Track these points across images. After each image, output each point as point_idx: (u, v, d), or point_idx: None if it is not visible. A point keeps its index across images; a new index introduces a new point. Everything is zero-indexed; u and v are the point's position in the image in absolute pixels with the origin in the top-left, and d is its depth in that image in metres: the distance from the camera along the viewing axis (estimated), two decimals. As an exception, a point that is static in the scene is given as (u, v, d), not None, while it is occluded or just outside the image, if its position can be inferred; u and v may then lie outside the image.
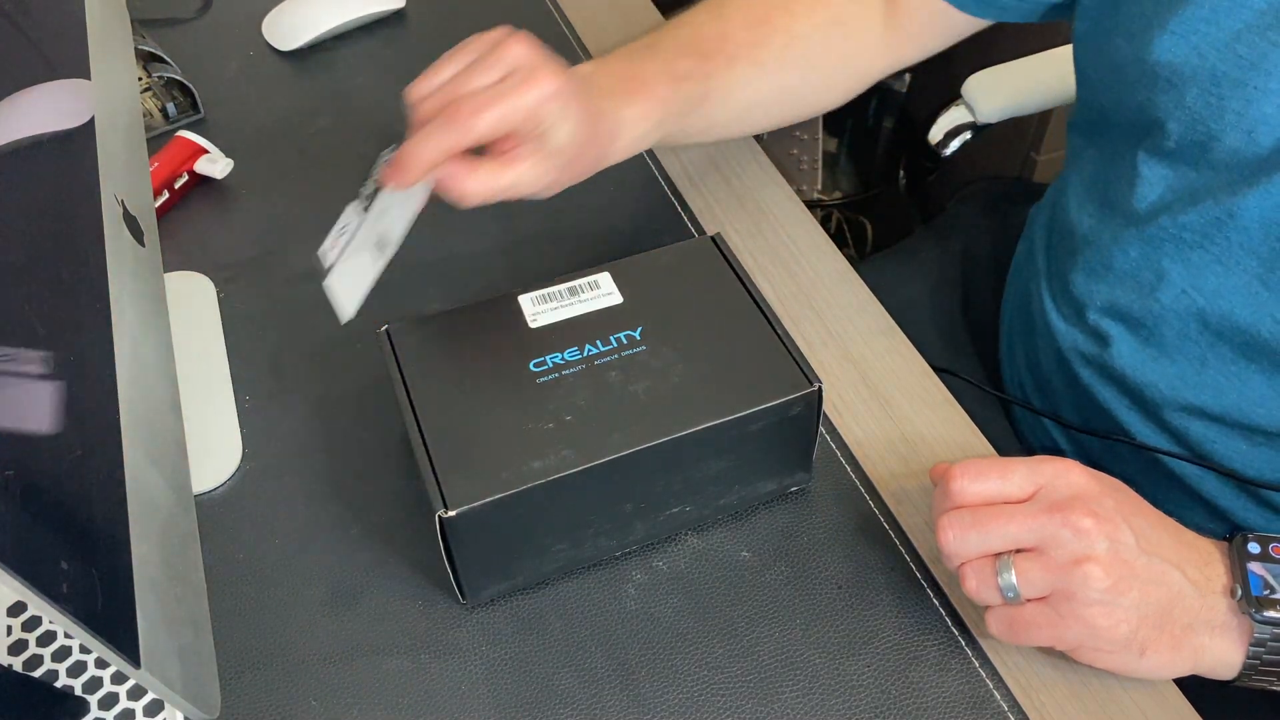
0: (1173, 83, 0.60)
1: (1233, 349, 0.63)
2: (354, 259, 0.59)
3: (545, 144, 0.59)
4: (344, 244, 0.60)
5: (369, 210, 0.61)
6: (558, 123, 0.59)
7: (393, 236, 0.60)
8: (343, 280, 0.59)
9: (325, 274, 0.59)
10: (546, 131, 0.58)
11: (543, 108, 0.57)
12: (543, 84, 0.57)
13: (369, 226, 0.60)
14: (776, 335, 0.61)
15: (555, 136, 0.59)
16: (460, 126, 0.56)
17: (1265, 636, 0.51)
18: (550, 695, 0.57)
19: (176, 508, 0.54)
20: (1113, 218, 0.68)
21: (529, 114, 0.57)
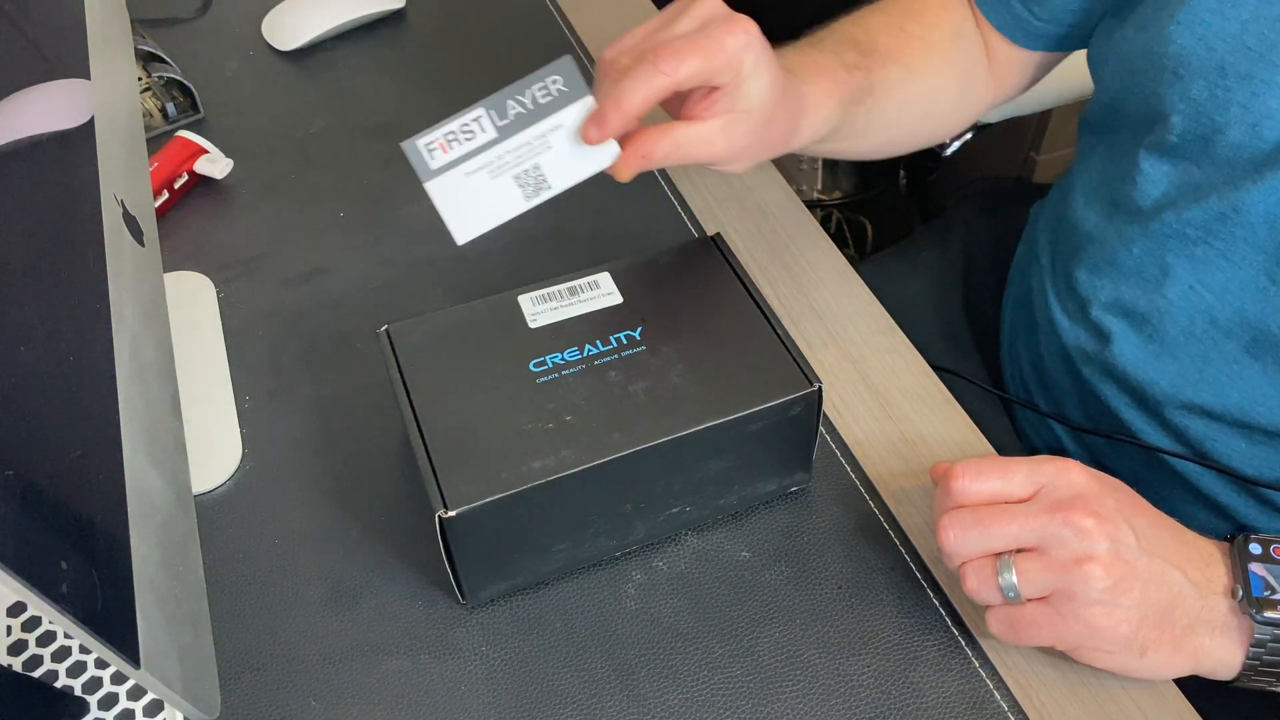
0: (1179, 74, 0.60)
1: (1238, 346, 0.63)
2: (488, 181, 0.54)
3: (739, 101, 0.57)
4: (469, 153, 0.54)
5: (518, 133, 0.54)
6: (753, 74, 0.56)
7: (555, 184, 0.55)
8: (463, 196, 0.54)
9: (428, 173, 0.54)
10: (742, 85, 0.56)
11: (742, 54, 0.55)
12: (744, 27, 0.56)
13: (520, 153, 0.55)
14: (776, 335, 0.61)
15: (749, 92, 0.56)
16: (663, 68, 0.54)
17: (1265, 637, 0.51)
18: (550, 695, 0.57)
19: (176, 508, 0.54)
20: (1117, 215, 0.68)
21: (730, 59, 0.55)
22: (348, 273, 0.77)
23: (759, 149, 0.60)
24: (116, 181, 0.60)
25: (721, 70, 0.55)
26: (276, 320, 0.74)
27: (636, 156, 0.56)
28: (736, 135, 0.57)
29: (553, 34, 0.95)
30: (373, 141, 0.87)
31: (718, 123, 0.57)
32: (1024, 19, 0.72)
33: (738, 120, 0.57)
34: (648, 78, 0.54)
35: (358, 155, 0.86)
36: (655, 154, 0.56)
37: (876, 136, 0.73)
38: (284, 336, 0.73)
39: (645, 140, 0.56)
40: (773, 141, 0.61)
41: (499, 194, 0.54)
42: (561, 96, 0.55)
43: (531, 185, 0.55)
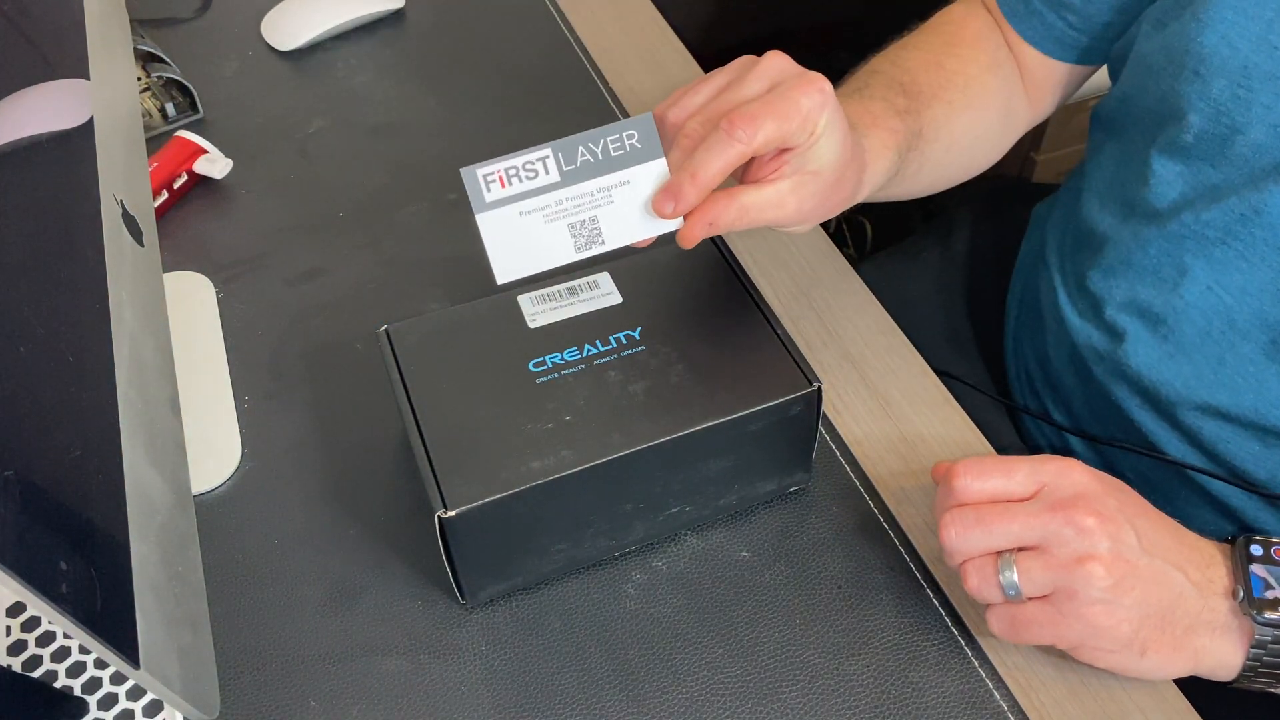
0: (1199, 73, 0.59)
1: (1255, 347, 0.63)
2: (542, 225, 0.53)
3: (809, 162, 0.55)
4: (527, 192, 0.52)
5: (581, 182, 0.53)
6: (827, 134, 0.54)
7: (610, 241, 0.54)
8: (512, 235, 0.53)
9: (482, 205, 0.52)
10: (814, 146, 0.55)
11: (817, 114, 0.54)
12: (819, 86, 0.54)
13: (580, 203, 0.53)
14: (776, 335, 0.61)
15: (820, 152, 0.55)
16: (738, 135, 0.52)
17: (1266, 638, 0.51)
18: (550, 695, 0.57)
19: (176, 508, 0.54)
20: (1132, 216, 0.68)
21: (805, 120, 0.53)
22: (347, 273, 0.77)
23: (825, 209, 0.58)
24: (116, 182, 0.60)
25: (796, 132, 0.53)
26: (276, 320, 0.74)
27: (702, 224, 0.53)
28: (805, 197, 0.55)
29: (553, 34, 0.95)
30: (372, 141, 0.87)
31: (786, 185, 0.55)
32: (1056, 28, 0.72)
33: (807, 181, 0.55)
34: (723, 148, 0.52)
35: (358, 155, 0.86)
36: (721, 221, 0.54)
37: (927, 177, 0.72)
38: (283, 336, 0.73)
39: (711, 208, 0.54)
40: (839, 199, 0.59)
41: (550, 240, 0.53)
42: (634, 153, 0.53)
43: (585, 237, 0.53)
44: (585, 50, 0.94)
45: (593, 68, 0.92)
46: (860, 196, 0.63)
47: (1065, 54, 0.73)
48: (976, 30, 0.75)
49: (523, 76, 0.92)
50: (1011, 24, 0.74)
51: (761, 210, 0.55)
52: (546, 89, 0.91)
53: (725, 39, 1.27)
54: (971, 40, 0.74)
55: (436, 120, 0.88)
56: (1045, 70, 0.75)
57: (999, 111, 0.74)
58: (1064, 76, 0.75)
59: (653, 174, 0.54)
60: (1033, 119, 0.78)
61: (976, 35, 0.74)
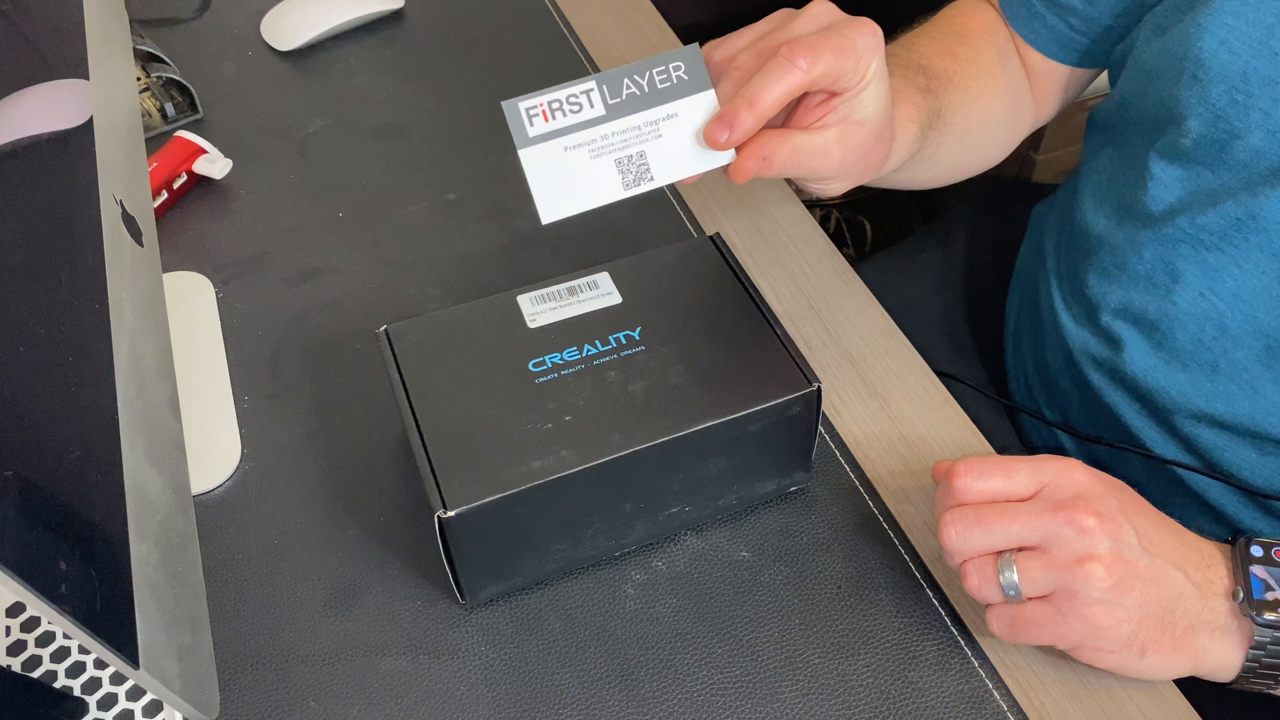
0: (1198, 78, 0.59)
1: (1249, 354, 0.62)
2: (588, 160, 0.51)
3: (855, 110, 0.54)
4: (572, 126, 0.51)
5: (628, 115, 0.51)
6: (875, 81, 0.54)
7: (659, 176, 0.51)
8: (557, 171, 0.51)
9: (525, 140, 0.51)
10: (862, 92, 0.54)
11: (871, 55, 0.53)
12: (872, 29, 0.53)
13: (627, 137, 0.51)
14: (775, 335, 0.61)
15: (867, 100, 0.54)
16: (799, 63, 0.51)
17: (1265, 639, 0.51)
18: (550, 696, 0.57)
19: (175, 508, 0.54)
20: (1128, 219, 0.67)
21: (860, 59, 0.52)
22: (347, 273, 0.77)
23: (862, 167, 0.58)
24: (115, 182, 0.60)
25: (850, 72, 0.53)
26: (276, 320, 0.74)
27: (756, 158, 0.53)
28: (851, 148, 0.55)
29: (552, 34, 0.95)
30: (372, 141, 0.87)
31: (834, 133, 0.55)
32: (1058, 30, 0.72)
33: (852, 132, 0.55)
34: (782, 73, 0.51)
35: (357, 155, 0.86)
36: (775, 158, 0.53)
37: (942, 163, 0.72)
38: (283, 336, 0.73)
39: (766, 142, 0.53)
40: (874, 162, 0.59)
41: (597, 176, 0.51)
42: (681, 85, 0.51)
43: (633, 173, 0.51)
44: (585, 50, 0.94)
45: (592, 68, 0.92)
46: (889, 166, 0.63)
47: (1067, 56, 0.73)
48: (985, 23, 0.75)
49: (523, 76, 0.92)
50: (1014, 26, 0.74)
51: (811, 155, 0.54)
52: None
53: (725, 39, 1.26)
54: (981, 31, 0.74)
55: (436, 120, 0.88)
56: (1047, 72, 0.75)
57: (1008, 104, 0.74)
58: (1066, 79, 0.75)
59: (702, 106, 0.52)
60: (1038, 119, 0.78)
61: (985, 28, 0.74)
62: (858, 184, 0.60)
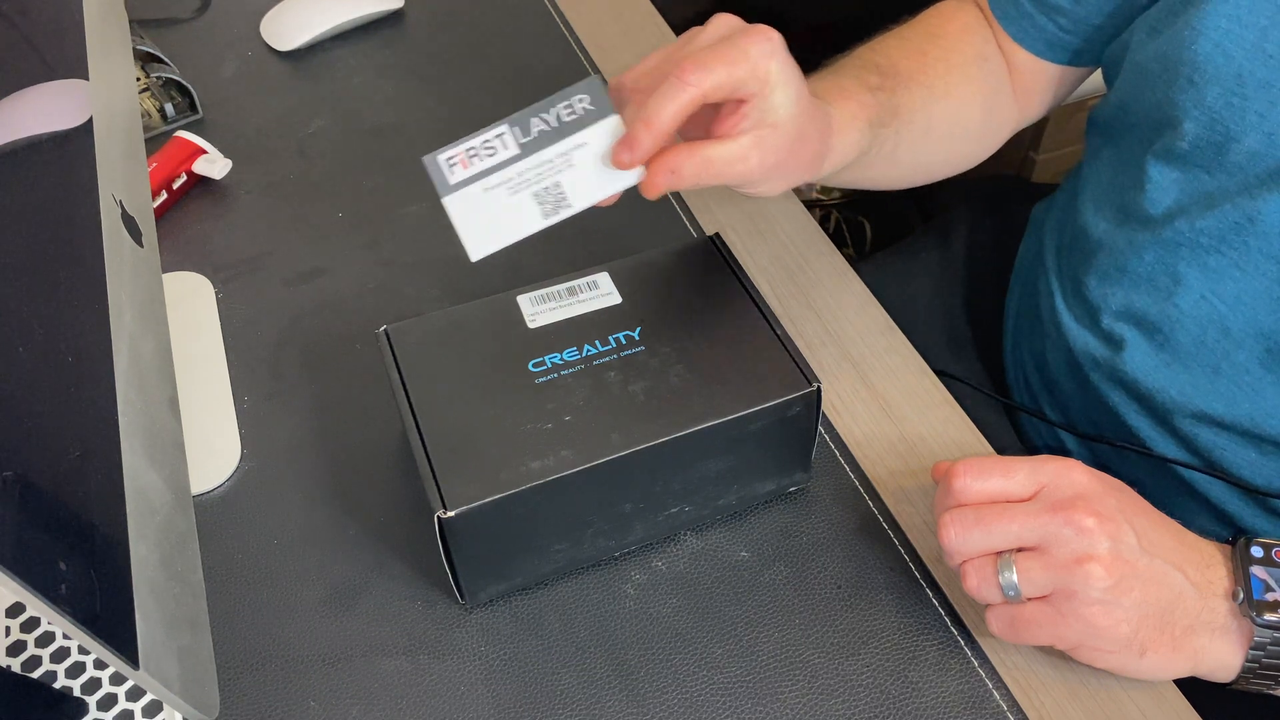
0: (1193, 81, 0.59)
1: (1250, 356, 0.62)
2: (507, 197, 0.53)
3: (768, 114, 0.55)
4: (489, 168, 0.53)
5: (540, 151, 0.53)
6: (781, 84, 0.54)
7: (576, 203, 0.54)
8: (480, 212, 0.54)
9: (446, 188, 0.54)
10: (770, 95, 0.54)
11: (767, 60, 0.54)
12: (766, 35, 0.54)
13: (541, 170, 0.53)
14: (775, 335, 0.61)
15: (777, 103, 0.55)
16: (689, 79, 0.52)
17: (1265, 640, 0.51)
18: (550, 696, 0.57)
19: (175, 508, 0.54)
20: (1127, 222, 0.67)
21: (754, 65, 0.53)
22: (347, 273, 0.77)
23: (790, 168, 0.58)
24: (115, 182, 0.60)
25: (748, 79, 0.54)
26: (275, 320, 0.74)
27: (664, 172, 0.54)
28: (768, 151, 0.55)
29: (552, 34, 0.95)
30: (372, 141, 0.87)
31: (748, 139, 0.55)
32: (1047, 30, 0.71)
33: (767, 135, 0.55)
34: (675, 92, 0.52)
35: (357, 155, 0.86)
36: (684, 170, 0.54)
37: (905, 162, 0.72)
38: (283, 337, 0.73)
39: (673, 157, 0.54)
40: (804, 161, 0.59)
41: (517, 211, 0.54)
42: (587, 115, 0.54)
43: (551, 203, 0.54)
44: (585, 50, 0.94)
45: (592, 68, 0.92)
46: (830, 164, 0.63)
47: (1056, 56, 0.73)
48: (964, 24, 0.75)
49: (523, 76, 0.92)
50: (1002, 25, 0.73)
51: (726, 163, 0.55)
52: (546, 89, 0.90)
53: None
54: (957, 32, 0.74)
55: (436, 120, 0.88)
56: (1036, 71, 0.74)
57: (982, 105, 0.74)
58: (1056, 78, 0.75)
59: (608, 132, 0.54)
60: (1022, 120, 0.78)
61: (963, 28, 0.74)
62: (796, 183, 0.60)
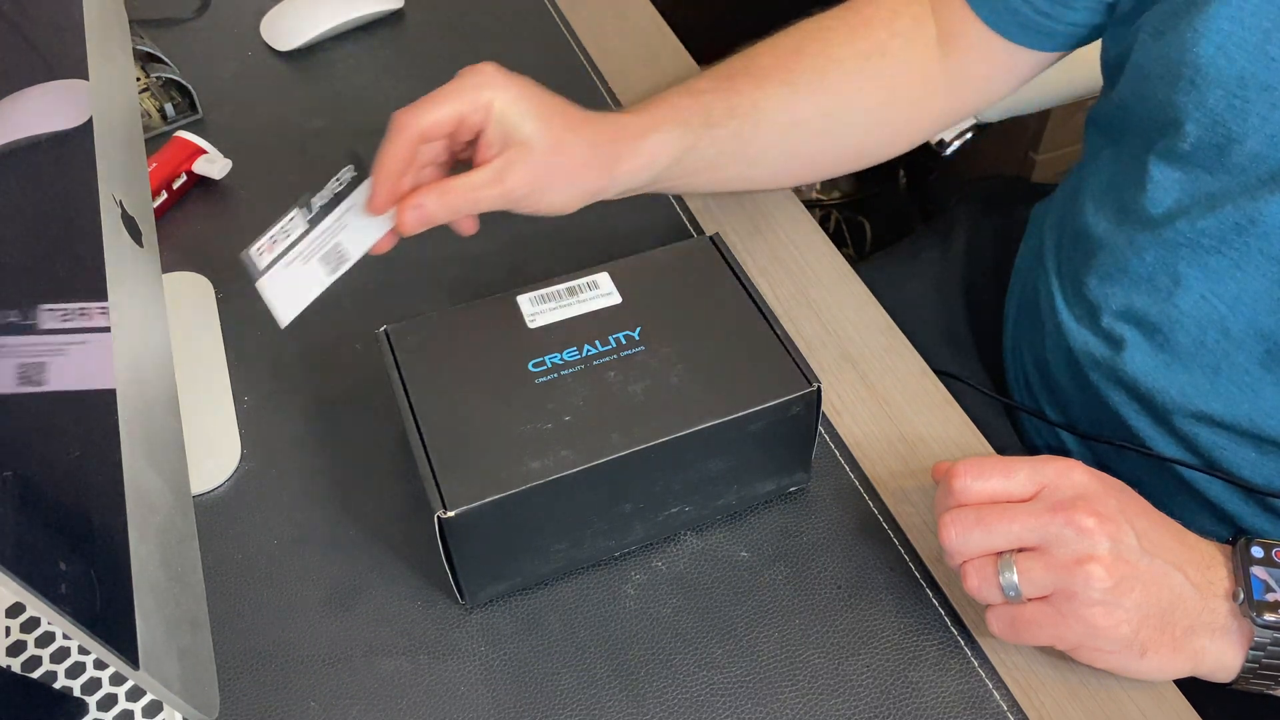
0: (1195, 83, 0.59)
1: (1250, 357, 0.62)
2: (301, 267, 0.61)
3: (510, 136, 0.59)
4: (287, 248, 0.62)
5: (321, 221, 0.62)
6: (509, 107, 0.59)
7: (352, 254, 0.61)
8: (283, 285, 0.61)
9: (257, 274, 0.61)
10: (503, 120, 0.59)
11: (479, 90, 0.59)
12: (476, 68, 0.60)
13: (322, 238, 0.61)
14: (775, 335, 0.61)
15: (514, 124, 0.59)
16: (398, 125, 0.58)
17: (1265, 640, 0.51)
18: (550, 696, 0.57)
19: (175, 508, 0.54)
20: (1127, 221, 0.67)
21: (466, 97, 0.59)
22: (347, 273, 0.77)
23: (563, 181, 0.62)
24: (115, 182, 0.60)
25: (468, 111, 0.59)
26: (275, 320, 0.74)
27: (408, 209, 0.59)
28: (517, 171, 0.60)
29: (552, 34, 0.95)
30: (372, 142, 0.86)
31: (496, 163, 0.59)
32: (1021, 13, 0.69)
33: (514, 155, 0.59)
34: (390, 136, 0.59)
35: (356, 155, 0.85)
36: (428, 204, 0.59)
37: (771, 160, 0.72)
38: (283, 337, 0.73)
39: (417, 193, 0.59)
40: (578, 171, 0.62)
41: (310, 275, 0.61)
42: (352, 182, 0.62)
43: (334, 261, 0.61)
44: (585, 50, 0.94)
45: (592, 68, 0.92)
46: (632, 169, 0.64)
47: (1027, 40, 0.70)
48: (866, 17, 0.73)
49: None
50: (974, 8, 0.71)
51: (470, 189, 0.59)
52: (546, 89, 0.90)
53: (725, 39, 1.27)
54: (855, 25, 0.73)
55: (436, 120, 0.88)
56: (1004, 56, 0.72)
57: (876, 97, 0.73)
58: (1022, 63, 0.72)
59: (366, 190, 0.62)
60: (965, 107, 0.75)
61: (864, 21, 0.73)
62: (592, 193, 0.64)
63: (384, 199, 0.59)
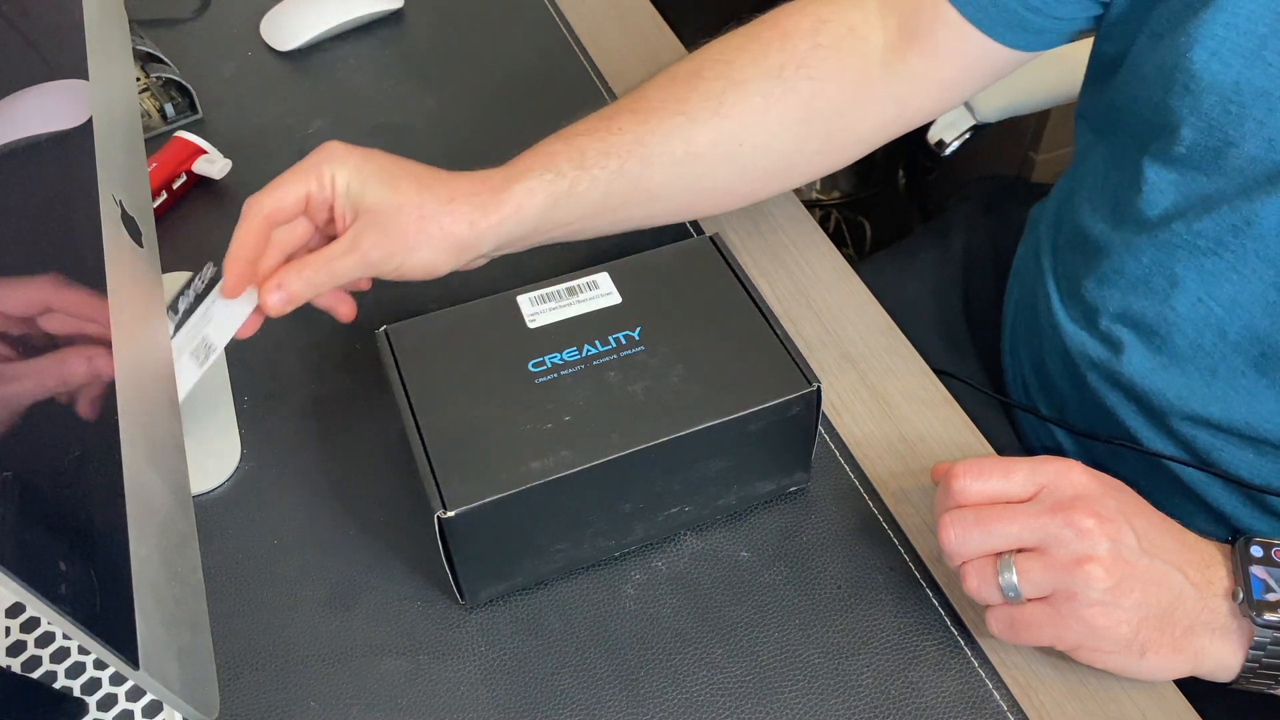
0: (1189, 88, 0.59)
1: (1246, 360, 0.62)
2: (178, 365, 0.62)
3: (359, 207, 0.61)
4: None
5: (189, 320, 0.64)
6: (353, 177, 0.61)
7: (218, 344, 0.63)
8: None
9: None
10: (345, 190, 0.61)
11: (318, 164, 0.61)
12: (323, 147, 0.62)
13: (191, 334, 0.63)
14: (775, 335, 0.61)
15: (354, 191, 0.61)
16: (251, 208, 0.61)
17: (1265, 640, 0.51)
18: (549, 696, 0.57)
19: (175, 508, 0.54)
20: (1124, 223, 0.67)
21: (315, 173, 0.61)
22: (347, 273, 0.77)
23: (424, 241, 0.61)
24: (115, 182, 0.60)
25: (314, 188, 0.61)
26: (275, 320, 0.74)
27: (270, 289, 0.60)
28: (369, 235, 0.61)
29: (552, 34, 0.95)
30: (372, 141, 0.86)
31: (350, 233, 0.61)
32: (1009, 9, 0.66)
33: (365, 226, 0.61)
34: (241, 222, 0.61)
35: (356, 155, 0.85)
36: (287, 280, 0.60)
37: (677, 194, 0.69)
38: (283, 337, 0.73)
39: (276, 275, 0.61)
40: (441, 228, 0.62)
41: (183, 371, 0.62)
42: (212, 279, 0.64)
43: (203, 353, 0.63)
44: (585, 50, 0.94)
45: (592, 68, 0.92)
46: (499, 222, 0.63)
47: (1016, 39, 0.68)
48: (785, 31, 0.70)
49: (522, 76, 0.92)
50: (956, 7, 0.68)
51: (330, 259, 0.61)
52: (546, 89, 0.91)
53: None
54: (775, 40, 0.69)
55: (436, 120, 0.88)
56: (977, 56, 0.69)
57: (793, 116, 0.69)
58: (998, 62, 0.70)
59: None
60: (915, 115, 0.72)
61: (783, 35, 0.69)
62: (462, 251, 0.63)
63: (234, 281, 0.61)
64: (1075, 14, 0.67)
